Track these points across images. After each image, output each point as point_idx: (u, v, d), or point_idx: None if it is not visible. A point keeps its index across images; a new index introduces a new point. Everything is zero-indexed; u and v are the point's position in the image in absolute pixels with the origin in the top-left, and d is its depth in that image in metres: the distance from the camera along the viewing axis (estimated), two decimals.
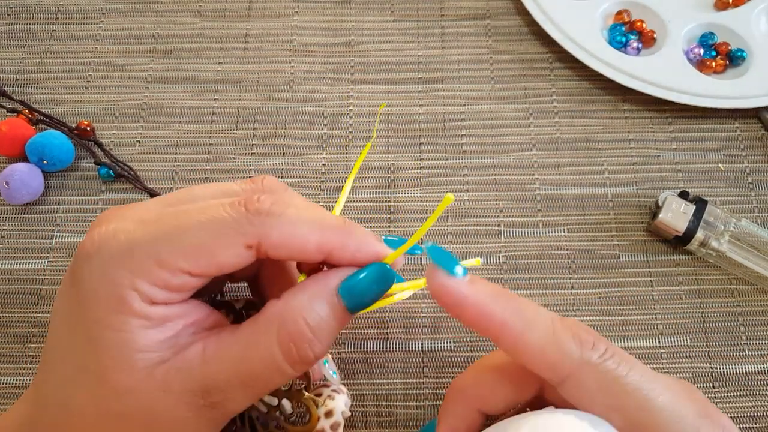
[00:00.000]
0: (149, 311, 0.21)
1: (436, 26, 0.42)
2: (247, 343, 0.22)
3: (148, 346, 0.21)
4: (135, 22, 0.41)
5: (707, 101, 0.38)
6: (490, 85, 0.40)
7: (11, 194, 0.35)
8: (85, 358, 0.21)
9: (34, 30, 0.41)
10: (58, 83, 0.39)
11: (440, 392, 0.33)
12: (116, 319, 0.21)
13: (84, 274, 0.21)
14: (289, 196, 0.24)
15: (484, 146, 0.38)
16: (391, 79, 0.40)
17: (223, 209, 0.22)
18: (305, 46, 0.41)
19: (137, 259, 0.21)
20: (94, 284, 0.21)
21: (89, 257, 0.21)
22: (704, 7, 0.42)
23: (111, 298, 0.21)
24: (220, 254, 0.21)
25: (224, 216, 0.21)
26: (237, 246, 0.21)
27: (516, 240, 0.36)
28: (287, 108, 0.39)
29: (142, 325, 0.21)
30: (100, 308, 0.21)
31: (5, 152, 0.36)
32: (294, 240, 0.22)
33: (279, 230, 0.22)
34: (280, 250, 0.22)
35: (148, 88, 0.39)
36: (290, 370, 0.22)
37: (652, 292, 0.35)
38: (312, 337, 0.21)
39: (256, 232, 0.21)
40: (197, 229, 0.21)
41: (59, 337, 0.22)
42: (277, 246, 0.22)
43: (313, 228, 0.22)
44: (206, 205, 0.22)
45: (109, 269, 0.21)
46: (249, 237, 0.21)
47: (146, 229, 0.21)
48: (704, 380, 0.33)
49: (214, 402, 0.21)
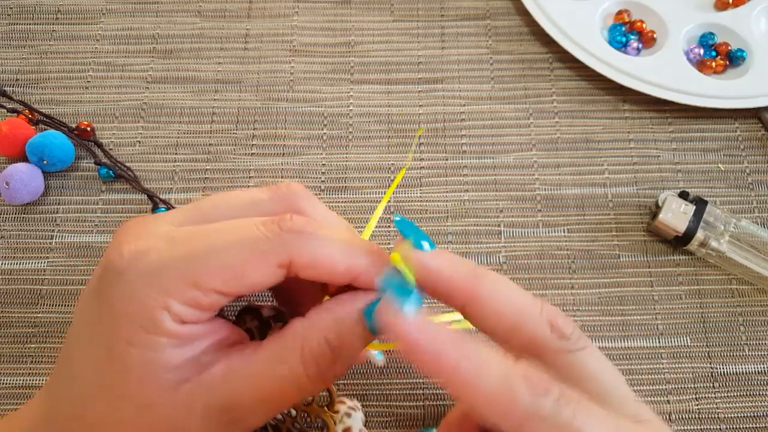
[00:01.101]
0: (179, 330, 0.21)
1: (436, 26, 0.42)
2: (270, 361, 0.22)
3: (175, 366, 0.21)
4: (135, 22, 0.41)
5: (707, 101, 0.38)
6: (490, 85, 0.40)
7: (11, 194, 0.35)
8: (110, 376, 0.21)
9: (35, 30, 0.41)
10: (58, 83, 0.39)
11: (440, 392, 0.32)
12: (146, 338, 0.21)
13: (114, 292, 0.21)
14: (321, 214, 0.24)
15: (484, 146, 0.38)
16: (391, 79, 0.40)
17: (256, 228, 0.22)
18: (305, 46, 0.41)
19: (169, 279, 0.21)
20: (124, 304, 0.21)
21: (119, 275, 0.21)
22: (704, 7, 0.42)
23: (142, 318, 0.21)
24: (252, 274, 0.21)
25: (257, 235, 0.22)
26: (269, 266, 0.21)
27: (516, 240, 0.36)
28: (287, 108, 0.39)
29: (170, 344, 0.21)
30: (131, 328, 0.21)
31: (5, 152, 0.36)
32: (324, 261, 0.22)
33: (311, 251, 0.22)
34: (309, 271, 0.22)
35: (149, 88, 0.39)
36: (311, 388, 0.22)
37: (652, 292, 0.35)
38: (334, 357, 0.22)
39: (288, 252, 0.21)
40: (230, 249, 0.21)
41: (81, 349, 0.22)
42: (308, 266, 0.22)
43: (343, 251, 0.22)
44: (238, 225, 0.22)
45: (140, 289, 0.21)
46: (281, 257, 0.21)
47: (178, 249, 0.21)
48: (704, 380, 0.33)
49: (234, 418, 0.22)
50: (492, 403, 0.20)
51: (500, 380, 0.20)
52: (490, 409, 0.20)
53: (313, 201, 0.25)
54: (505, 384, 0.20)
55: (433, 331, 0.20)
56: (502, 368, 0.20)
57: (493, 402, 0.20)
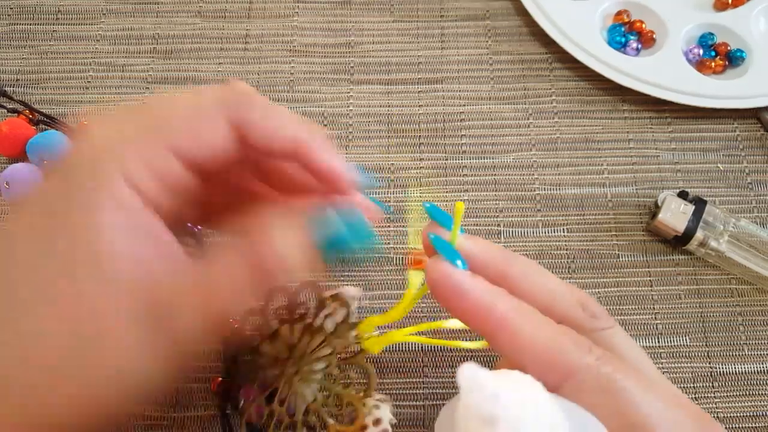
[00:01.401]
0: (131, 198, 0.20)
1: (436, 27, 0.42)
2: (216, 264, 0.21)
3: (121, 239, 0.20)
4: (135, 22, 0.41)
5: (706, 101, 0.38)
6: (490, 85, 0.40)
7: (12, 194, 0.35)
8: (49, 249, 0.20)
9: (35, 30, 0.41)
10: (58, 83, 0.39)
11: (440, 392, 0.33)
12: (96, 198, 0.20)
13: (66, 168, 0.21)
14: None
15: (483, 146, 0.38)
16: (391, 79, 0.40)
17: (205, 90, 0.22)
18: (305, 46, 0.41)
19: (122, 141, 0.21)
20: (76, 173, 0.20)
21: (74, 152, 0.21)
22: (703, 7, 0.42)
23: (94, 180, 0.20)
24: (205, 132, 0.21)
25: (208, 94, 0.22)
26: (220, 121, 0.22)
27: (515, 240, 0.36)
28: (287, 108, 0.39)
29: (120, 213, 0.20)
30: (81, 194, 0.20)
31: (6, 152, 0.36)
32: (273, 123, 0.22)
33: (260, 111, 0.22)
34: (259, 133, 0.22)
35: (149, 88, 0.39)
36: (250, 295, 0.22)
37: (651, 292, 0.35)
38: (277, 266, 0.21)
39: (239, 109, 0.22)
40: (182, 109, 0.22)
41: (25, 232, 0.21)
42: (257, 127, 0.22)
43: (290, 117, 0.23)
44: (190, 93, 0.23)
45: (94, 156, 0.20)
46: (232, 114, 0.22)
47: (132, 116, 0.22)
48: (704, 380, 0.33)
49: (160, 314, 0.20)
50: (540, 356, 0.20)
51: (548, 335, 0.21)
52: (537, 362, 0.20)
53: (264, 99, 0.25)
54: (552, 339, 0.20)
55: (482, 283, 0.21)
56: (550, 325, 0.21)
57: (541, 355, 0.20)
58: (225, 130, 0.22)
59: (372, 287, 0.35)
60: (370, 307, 0.34)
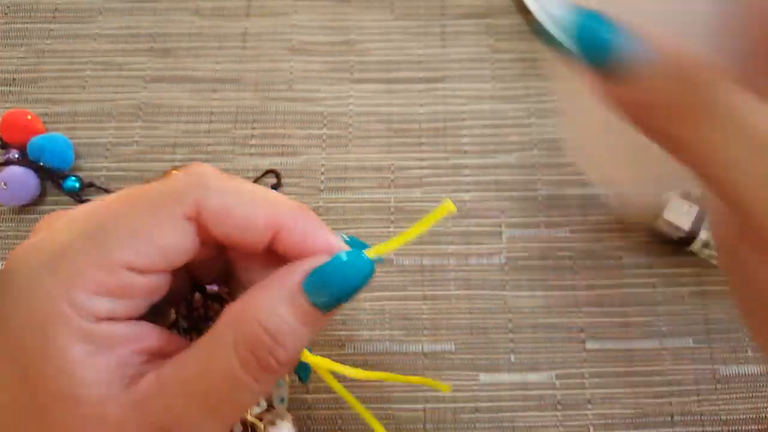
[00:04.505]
0: (90, 329, 0.18)
1: (437, 25, 0.41)
2: (202, 357, 0.19)
3: (94, 378, 0.18)
4: (133, 21, 0.41)
5: None
6: (492, 84, 0.40)
7: (9, 195, 0.34)
8: (20, 397, 0.18)
9: (32, 29, 0.41)
10: (55, 82, 0.39)
11: (440, 395, 0.32)
12: (53, 344, 0.17)
13: (6, 296, 0.18)
14: None
15: (485, 146, 0.38)
16: (392, 78, 0.40)
17: (156, 184, 0.19)
18: (304, 44, 0.40)
19: (67, 264, 0.18)
20: (21, 305, 0.18)
21: (11, 275, 0.18)
22: None
23: (44, 319, 0.17)
24: (158, 233, 0.18)
25: (158, 188, 0.19)
26: (175, 218, 0.18)
27: (517, 241, 0.35)
28: (286, 107, 0.39)
29: (83, 351, 0.17)
30: (33, 333, 0.17)
31: (11, 139, 0.36)
32: (238, 209, 0.19)
33: (220, 197, 0.19)
34: (222, 223, 0.19)
35: (146, 87, 0.39)
36: (254, 383, 0.19)
37: (654, 293, 0.34)
38: (272, 343, 0.18)
39: (194, 199, 0.19)
40: (129, 211, 0.18)
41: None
42: (219, 215, 0.19)
43: (259, 197, 0.19)
44: (138, 187, 0.19)
45: (36, 284, 0.18)
46: (187, 205, 0.18)
47: (75, 228, 0.18)
48: (707, 382, 0.33)
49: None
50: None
51: None
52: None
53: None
54: None
55: None
56: None
57: None
58: (182, 226, 0.19)
59: (371, 288, 0.34)
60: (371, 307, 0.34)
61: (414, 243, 0.35)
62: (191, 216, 0.19)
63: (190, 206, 0.19)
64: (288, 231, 0.19)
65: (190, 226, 0.19)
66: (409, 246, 0.35)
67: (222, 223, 0.19)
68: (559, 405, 0.32)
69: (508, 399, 0.32)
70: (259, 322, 0.18)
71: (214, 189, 0.19)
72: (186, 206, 0.19)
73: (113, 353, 0.18)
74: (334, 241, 0.20)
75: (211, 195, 0.19)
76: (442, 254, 0.35)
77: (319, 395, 0.32)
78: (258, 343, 0.18)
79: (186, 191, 0.19)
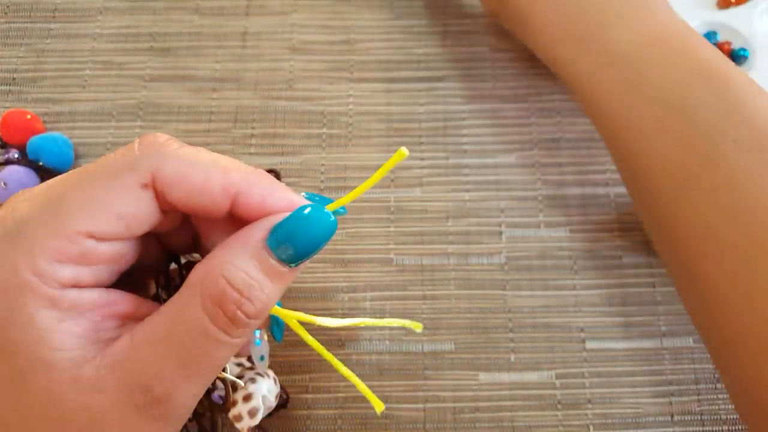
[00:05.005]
0: (56, 295, 0.18)
1: (437, 24, 0.41)
2: (172, 314, 0.19)
3: (65, 342, 0.18)
4: (132, 20, 0.41)
5: None
6: (492, 83, 0.40)
7: (8, 195, 0.34)
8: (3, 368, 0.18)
9: (31, 28, 0.41)
10: (55, 82, 0.39)
11: (441, 394, 0.32)
12: (20, 312, 0.18)
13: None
14: None
15: (485, 145, 0.38)
16: (392, 77, 0.40)
17: (112, 154, 0.20)
18: (304, 44, 0.40)
19: (28, 234, 0.18)
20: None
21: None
22: (707, 5, 0.41)
23: (9, 288, 0.18)
24: (115, 201, 0.19)
25: (114, 158, 0.19)
26: (131, 187, 0.19)
27: (517, 240, 0.35)
28: (286, 107, 0.39)
29: (52, 317, 0.18)
30: (1, 303, 0.18)
31: (11, 139, 0.36)
32: (194, 176, 0.19)
33: (176, 164, 0.19)
34: (178, 189, 0.19)
35: (146, 86, 0.39)
36: (225, 336, 0.19)
37: (654, 292, 0.34)
38: (237, 296, 0.19)
39: (149, 167, 0.19)
40: (87, 182, 0.19)
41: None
42: (175, 182, 0.19)
43: (215, 163, 0.20)
44: (96, 160, 0.20)
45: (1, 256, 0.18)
46: (142, 174, 0.19)
47: (35, 201, 0.19)
48: (707, 381, 0.33)
49: (157, 397, 0.19)
50: None
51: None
52: None
53: None
54: None
55: None
56: None
57: None
58: (139, 195, 0.19)
59: (371, 288, 0.34)
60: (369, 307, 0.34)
61: (414, 243, 0.35)
62: (147, 183, 0.19)
63: (146, 174, 0.19)
64: (246, 194, 0.20)
65: (147, 193, 0.19)
66: (409, 246, 0.35)
67: (177, 189, 0.19)
68: (559, 405, 0.32)
69: (508, 399, 0.32)
70: (224, 276, 0.19)
71: (169, 156, 0.19)
72: (141, 174, 0.19)
73: (83, 318, 0.18)
74: (294, 198, 0.20)
75: (167, 162, 0.19)
76: (442, 254, 0.35)
77: (319, 395, 0.32)
78: (224, 297, 0.19)
79: (141, 159, 0.19)
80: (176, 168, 0.19)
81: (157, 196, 0.19)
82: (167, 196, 0.19)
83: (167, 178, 0.19)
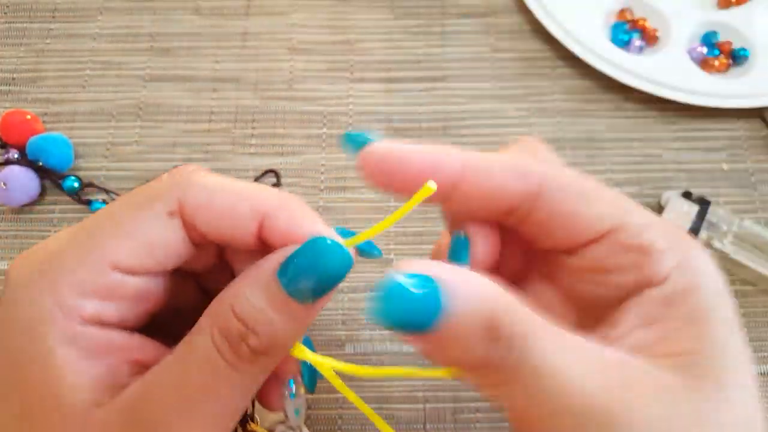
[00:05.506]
0: (77, 332, 0.18)
1: (437, 24, 0.41)
2: (182, 350, 0.18)
3: (79, 383, 0.17)
4: (132, 20, 0.41)
5: (710, 100, 0.38)
6: (492, 83, 0.39)
7: (8, 195, 0.34)
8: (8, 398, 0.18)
9: (31, 28, 0.41)
10: (55, 82, 0.39)
11: (440, 394, 0.32)
12: (40, 345, 0.17)
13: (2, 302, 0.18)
14: None
15: (485, 145, 0.38)
16: (392, 77, 0.40)
17: (142, 187, 0.20)
18: (304, 44, 0.40)
19: (56, 265, 0.18)
20: (12, 308, 0.18)
21: (8, 281, 0.19)
22: (707, 5, 0.41)
23: (31, 318, 0.17)
24: (141, 229, 0.18)
25: (142, 189, 0.19)
26: (157, 215, 0.19)
27: None
28: (286, 107, 0.39)
29: (70, 354, 0.17)
30: (22, 334, 0.17)
31: (10, 139, 0.36)
32: (219, 199, 0.19)
33: (201, 187, 0.19)
34: (205, 214, 0.19)
35: (146, 86, 0.39)
36: (233, 373, 0.18)
37: None
38: (242, 328, 0.18)
39: (176, 194, 0.19)
40: (115, 213, 0.19)
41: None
42: (201, 207, 0.19)
43: (241, 189, 0.19)
44: (126, 194, 0.20)
45: (27, 286, 0.18)
46: (168, 200, 0.19)
47: (68, 234, 0.19)
48: None
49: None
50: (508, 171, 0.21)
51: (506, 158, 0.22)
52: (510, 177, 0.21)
53: None
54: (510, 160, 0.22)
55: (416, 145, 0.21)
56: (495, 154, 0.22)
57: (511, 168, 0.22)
58: (166, 224, 0.19)
59: (371, 287, 0.34)
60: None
61: (414, 243, 0.35)
62: (174, 211, 0.19)
63: (172, 202, 0.19)
64: (273, 218, 0.19)
65: (174, 221, 0.19)
66: (409, 246, 0.35)
67: (204, 214, 0.19)
68: None
69: None
70: (232, 307, 0.18)
71: (195, 183, 0.19)
72: (167, 202, 0.19)
73: (102, 360, 0.18)
74: (319, 228, 0.19)
75: (192, 188, 0.19)
76: None
77: (319, 395, 0.32)
78: (234, 331, 0.18)
79: (167, 188, 0.19)
80: (202, 193, 0.19)
81: (186, 225, 0.19)
82: (195, 222, 0.19)
83: (193, 204, 0.19)
